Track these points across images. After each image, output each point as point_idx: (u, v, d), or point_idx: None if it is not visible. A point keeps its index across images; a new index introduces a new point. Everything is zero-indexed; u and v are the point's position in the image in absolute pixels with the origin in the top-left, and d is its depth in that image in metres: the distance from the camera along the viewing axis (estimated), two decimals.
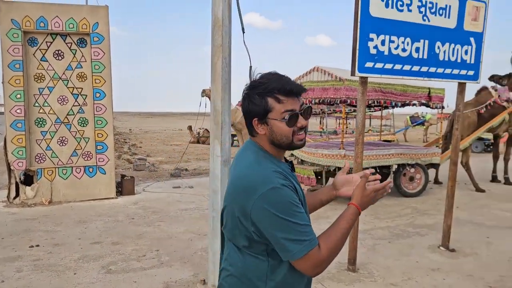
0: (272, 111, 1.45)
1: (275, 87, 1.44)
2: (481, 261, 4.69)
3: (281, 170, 1.46)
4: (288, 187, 1.40)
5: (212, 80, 3.40)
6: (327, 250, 1.39)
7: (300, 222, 1.37)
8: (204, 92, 11.11)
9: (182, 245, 5.09)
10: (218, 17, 3.31)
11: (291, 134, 1.46)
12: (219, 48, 3.32)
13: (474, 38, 4.67)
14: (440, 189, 8.75)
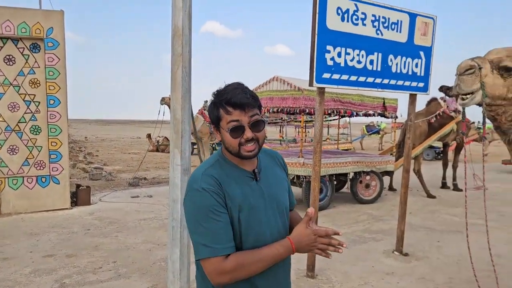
0: (222, 120, 1.52)
1: (225, 98, 1.49)
2: (432, 264, 4.92)
3: (218, 174, 1.50)
4: (209, 192, 1.44)
5: (172, 89, 3.39)
6: (235, 263, 1.42)
7: (211, 228, 1.42)
8: (164, 100, 11.00)
9: (141, 256, 4.99)
10: (178, 26, 3.31)
11: (237, 145, 1.50)
12: (179, 57, 3.32)
13: (423, 52, 4.93)
14: (394, 196, 9.09)
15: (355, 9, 4.25)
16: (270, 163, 1.71)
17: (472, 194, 9.55)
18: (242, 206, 1.50)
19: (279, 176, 1.70)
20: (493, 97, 2.45)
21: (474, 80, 2.41)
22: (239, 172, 1.56)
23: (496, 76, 2.42)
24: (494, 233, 6.35)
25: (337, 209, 7.74)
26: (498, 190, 10.03)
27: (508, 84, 2.43)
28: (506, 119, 2.55)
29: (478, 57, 2.48)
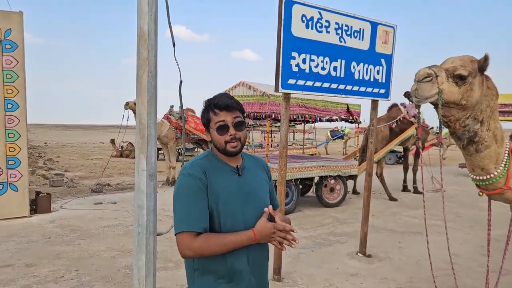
0: (211, 121, 1.83)
1: (213, 102, 1.82)
2: (394, 265, 5.07)
3: (205, 165, 1.79)
4: (194, 177, 1.74)
5: (138, 93, 3.35)
6: (201, 243, 1.67)
7: (189, 207, 1.71)
8: (128, 104, 10.80)
9: (105, 264, 4.87)
10: (144, 30, 3.28)
11: (224, 142, 1.80)
12: (145, 61, 3.29)
13: (384, 60, 5.11)
14: (358, 199, 9.31)
15: (319, 17, 4.37)
16: (254, 165, 1.98)
17: (431, 196, 9.98)
18: (221, 193, 1.76)
19: (261, 177, 1.96)
20: (448, 102, 2.59)
21: (432, 87, 2.54)
22: (224, 166, 1.84)
23: (451, 84, 2.56)
24: (452, 233, 6.61)
25: (303, 212, 7.85)
26: (456, 193, 10.48)
27: (462, 92, 2.57)
28: (460, 125, 2.69)
29: (435, 66, 2.61)
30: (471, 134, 2.69)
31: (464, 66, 2.57)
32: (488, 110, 2.68)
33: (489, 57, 2.59)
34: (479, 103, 2.64)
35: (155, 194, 3.49)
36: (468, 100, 2.59)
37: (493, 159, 2.72)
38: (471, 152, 2.74)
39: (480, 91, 2.62)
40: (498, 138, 2.73)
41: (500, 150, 2.74)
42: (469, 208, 8.53)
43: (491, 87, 2.71)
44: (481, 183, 2.82)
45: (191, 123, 11.17)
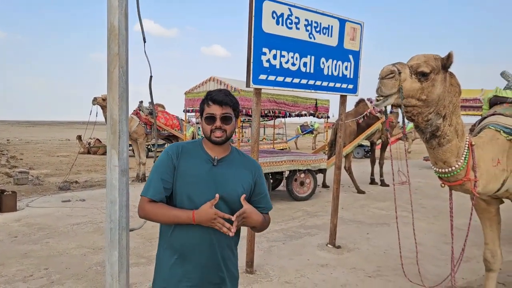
0: (204, 111, 2.05)
1: (209, 95, 2.05)
2: (362, 255, 5.25)
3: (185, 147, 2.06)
4: (167, 155, 2.03)
5: (109, 89, 3.32)
6: (151, 208, 1.98)
7: (154, 177, 2.01)
8: (96, 100, 10.57)
9: (75, 261, 4.81)
10: (114, 25, 3.26)
11: (209, 131, 2.01)
12: (115, 56, 3.26)
13: (352, 56, 5.25)
14: (327, 192, 9.52)
15: (289, 13, 4.44)
16: (242, 165, 2.10)
17: (396, 189, 10.26)
18: (187, 176, 1.97)
19: (240, 174, 2.06)
20: (409, 97, 2.71)
21: (394, 84, 2.66)
22: (203, 153, 2.05)
23: (414, 80, 2.69)
24: (416, 223, 6.87)
25: (274, 206, 7.92)
26: (420, 185, 10.87)
27: (424, 87, 2.70)
28: (422, 119, 2.83)
29: (399, 63, 2.73)
30: (433, 128, 2.83)
31: (427, 63, 2.70)
32: (450, 106, 2.82)
33: (453, 55, 2.73)
34: (442, 98, 2.78)
35: (127, 190, 3.47)
36: (429, 95, 2.72)
37: (454, 152, 2.88)
38: (434, 145, 2.88)
39: (442, 87, 2.75)
40: (459, 133, 2.88)
41: (460, 144, 2.89)
42: (433, 199, 8.88)
43: (454, 84, 2.85)
44: (443, 175, 2.98)
45: (161, 118, 11.07)
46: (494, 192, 3.12)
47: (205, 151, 2.05)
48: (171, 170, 2.00)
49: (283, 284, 4.30)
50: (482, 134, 3.16)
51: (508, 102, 3.35)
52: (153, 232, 5.75)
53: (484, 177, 2.96)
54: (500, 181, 3.04)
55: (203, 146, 2.07)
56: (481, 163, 2.95)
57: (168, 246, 2.04)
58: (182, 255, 1.99)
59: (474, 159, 2.89)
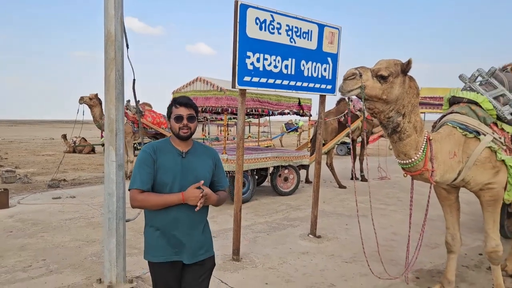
0: (172, 113, 2.54)
1: (176, 100, 2.58)
2: (340, 244, 5.65)
3: (158, 146, 2.51)
4: (145, 153, 2.46)
5: (106, 90, 3.63)
6: (142, 197, 2.38)
7: (138, 172, 2.42)
8: (82, 99, 10.77)
9: (71, 253, 5.09)
10: (111, 32, 3.57)
11: (178, 128, 2.50)
12: (112, 61, 3.58)
13: (331, 58, 5.63)
14: (310, 187, 9.90)
15: (271, 19, 4.79)
16: (202, 153, 2.64)
17: (376, 183, 10.76)
18: (163, 167, 2.45)
19: (204, 162, 2.59)
20: (371, 96, 3.11)
21: (355, 83, 3.09)
22: (173, 149, 2.54)
23: (375, 81, 3.09)
24: (393, 215, 7.35)
25: (258, 201, 8.31)
26: (398, 180, 11.35)
27: (384, 88, 3.09)
28: (384, 117, 3.23)
29: (362, 67, 3.13)
30: (394, 125, 3.23)
31: (388, 68, 3.10)
32: (409, 105, 3.23)
33: (411, 62, 3.13)
34: (400, 99, 3.17)
35: (124, 183, 3.82)
36: (388, 95, 3.12)
37: (413, 146, 3.28)
38: (395, 140, 3.28)
39: (400, 89, 3.15)
40: (418, 129, 3.29)
41: (419, 138, 3.29)
42: (409, 193, 9.33)
43: (412, 87, 3.26)
44: (405, 166, 3.39)
45: (148, 117, 11.31)
46: (451, 181, 3.52)
47: (173, 146, 2.55)
48: (152, 164, 2.44)
49: (267, 269, 4.66)
50: (441, 130, 3.57)
51: (464, 102, 3.76)
52: (143, 226, 6.04)
53: (442, 168, 3.37)
54: (456, 171, 3.45)
55: (171, 143, 2.57)
56: (439, 155, 3.35)
57: (152, 224, 2.51)
58: (162, 230, 2.48)
59: (431, 151, 3.30)
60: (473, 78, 3.97)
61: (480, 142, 3.47)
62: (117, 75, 3.61)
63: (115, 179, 3.65)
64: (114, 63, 3.58)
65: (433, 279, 4.47)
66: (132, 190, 2.41)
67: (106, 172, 3.69)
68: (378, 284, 4.30)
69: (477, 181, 3.54)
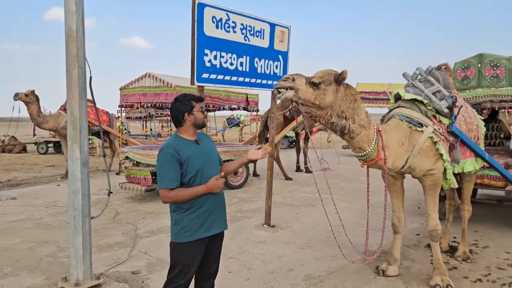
0: (194, 107, 2.85)
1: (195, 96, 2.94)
2: (294, 232, 5.97)
3: (176, 144, 2.75)
4: (168, 153, 2.69)
5: (69, 88, 3.61)
6: (174, 194, 2.68)
7: (165, 172, 2.69)
8: (17, 95, 10.20)
9: (24, 255, 4.93)
10: (72, 29, 3.54)
11: (203, 118, 2.93)
12: (74, 58, 3.56)
13: (281, 56, 5.90)
14: (259, 180, 10.22)
15: (227, 18, 4.95)
16: (206, 138, 3.06)
17: (320, 174, 11.29)
18: (190, 157, 2.74)
19: (211, 145, 3.02)
20: (304, 100, 3.44)
21: (286, 82, 3.40)
22: (187, 141, 2.84)
23: (308, 87, 3.42)
24: (338, 204, 7.80)
25: None
26: (340, 170, 12.00)
27: (316, 94, 3.43)
28: (325, 121, 3.59)
29: (296, 74, 3.48)
30: (340, 128, 3.59)
31: (321, 76, 3.44)
32: (349, 110, 3.57)
33: (345, 73, 3.47)
34: (334, 105, 3.50)
35: (89, 180, 3.82)
36: (321, 101, 3.44)
37: (365, 140, 3.65)
38: (347, 139, 3.67)
39: (333, 96, 3.47)
40: (365, 125, 3.65)
41: (368, 132, 3.66)
42: (351, 182, 9.96)
43: (348, 94, 3.59)
44: (361, 158, 3.75)
45: (91, 114, 10.94)
46: (400, 168, 3.94)
47: (187, 139, 2.86)
48: (176, 162, 2.69)
49: (228, 259, 4.84)
50: (390, 122, 3.97)
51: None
52: (98, 224, 5.97)
53: (392, 156, 3.77)
54: (404, 159, 3.87)
55: (183, 137, 2.86)
56: (390, 145, 3.75)
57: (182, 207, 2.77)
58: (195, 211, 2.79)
59: (382, 141, 3.67)
60: (415, 76, 4.41)
61: (423, 133, 3.90)
62: (79, 72, 3.60)
63: (80, 176, 3.65)
64: (77, 60, 3.57)
65: (379, 258, 4.90)
66: (161, 190, 2.68)
67: (71, 170, 3.67)
68: (332, 265, 4.66)
69: (421, 167, 3.97)
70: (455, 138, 4.14)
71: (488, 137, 7.13)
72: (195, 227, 2.79)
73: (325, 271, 4.52)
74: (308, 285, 4.18)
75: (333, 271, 4.53)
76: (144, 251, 5.09)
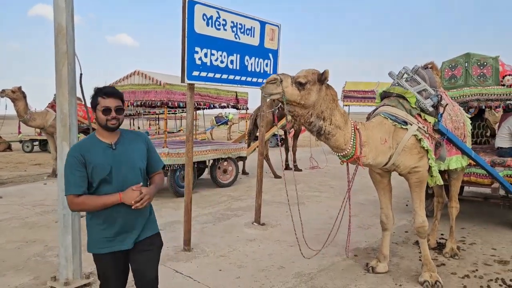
0: (98, 104, 2.44)
1: (102, 90, 2.47)
2: (284, 229, 5.99)
3: (84, 146, 2.44)
4: (72, 157, 2.39)
5: (58, 85, 3.56)
6: (80, 201, 2.37)
7: (70, 177, 2.37)
8: (4, 92, 10.04)
9: (10, 255, 4.86)
10: (62, 25, 3.50)
11: (105, 120, 2.43)
12: (64, 55, 3.52)
13: (272, 54, 5.90)
14: (248, 178, 10.22)
15: (217, 16, 4.93)
16: (134, 139, 2.61)
17: (309, 173, 11.35)
18: (94, 164, 2.40)
19: (137, 149, 2.57)
20: (290, 101, 3.48)
21: (276, 88, 3.43)
22: (101, 143, 2.47)
23: (294, 88, 3.45)
24: (327, 202, 7.88)
25: (199, 193, 8.41)
26: (329, 168, 12.08)
27: (302, 95, 3.47)
28: (305, 121, 3.60)
29: (283, 74, 3.51)
30: (317, 129, 3.61)
31: (306, 76, 3.48)
32: (328, 110, 3.60)
33: (327, 72, 3.51)
34: (317, 104, 3.53)
35: None
36: (305, 101, 3.48)
37: (342, 140, 3.69)
38: (323, 140, 3.70)
39: (317, 95, 3.51)
40: (341, 126, 3.67)
41: (345, 131, 3.69)
42: (340, 180, 10.01)
43: (329, 94, 3.63)
44: (341, 158, 3.80)
45: (80, 111, 10.83)
46: (384, 165, 3.98)
47: (101, 141, 2.48)
48: (81, 166, 2.38)
49: (219, 257, 4.84)
50: (373, 120, 4.03)
51: (393, 95, 4.23)
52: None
53: (374, 152, 3.82)
54: (387, 156, 3.91)
55: (98, 138, 2.50)
56: (370, 141, 3.79)
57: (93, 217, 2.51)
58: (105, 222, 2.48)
59: (360, 138, 3.71)
60: (400, 75, 4.46)
61: (407, 131, 3.95)
62: (69, 69, 3.56)
63: None
64: (66, 57, 3.53)
65: (369, 255, 4.96)
66: (68, 196, 2.38)
67: (60, 168, 3.63)
68: (322, 263, 4.69)
69: (406, 164, 4.01)
70: (441, 136, 4.20)
71: (474, 136, 7.24)
72: (106, 239, 2.49)
73: (316, 269, 4.55)
74: (299, 282, 4.20)
75: (323, 269, 4.56)
76: None
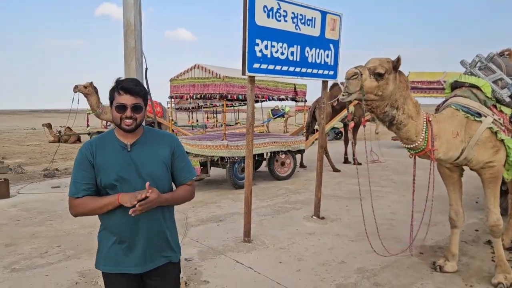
0: (114, 99, 2.10)
1: (120, 84, 2.10)
2: (344, 224, 5.87)
3: (99, 142, 2.14)
4: (81, 153, 2.10)
5: None
6: (79, 204, 2.07)
7: (75, 176, 2.10)
8: (77, 88, 10.67)
9: (84, 239, 5.18)
10: (130, 22, 3.63)
11: (119, 119, 2.08)
12: (132, 50, 3.65)
13: (333, 45, 5.77)
14: (305, 172, 10.14)
15: (278, 7, 4.89)
16: (157, 142, 2.21)
17: (370, 167, 11.02)
18: (102, 165, 2.08)
19: (158, 152, 2.17)
20: (368, 93, 3.37)
21: (358, 83, 3.32)
22: (116, 142, 2.14)
23: (372, 80, 3.35)
24: (389, 196, 7.63)
25: (257, 186, 8.47)
26: (390, 162, 11.69)
27: (380, 85, 3.36)
28: (380, 111, 3.50)
29: (360, 66, 3.39)
30: (390, 118, 3.51)
31: (382, 65, 3.36)
32: (401, 98, 3.49)
33: (401, 58, 3.38)
34: (394, 93, 3.43)
35: None
36: (384, 91, 3.38)
37: (412, 131, 3.55)
38: (394, 130, 3.58)
39: (393, 84, 3.41)
40: (413, 116, 3.53)
41: (417, 122, 3.54)
42: (402, 175, 9.66)
43: (402, 81, 3.52)
44: (411, 150, 3.65)
45: None
46: (455, 159, 3.76)
47: (117, 139, 2.14)
48: (88, 167, 2.08)
49: (278, 250, 4.85)
50: (444, 112, 3.81)
51: (465, 86, 3.98)
52: None
53: (445, 146, 3.62)
54: (459, 150, 3.69)
55: (115, 135, 2.16)
56: (442, 135, 3.60)
57: (104, 228, 2.19)
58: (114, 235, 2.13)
59: (432, 131, 3.54)
60: (474, 63, 4.17)
61: (481, 123, 3.69)
62: (137, 64, 3.69)
63: None
64: (134, 52, 3.65)
65: (435, 253, 4.73)
66: (69, 198, 2.11)
67: None
68: (385, 259, 4.53)
69: (479, 159, 3.76)
70: None
71: None
72: (116, 257, 2.15)
73: (379, 265, 4.41)
74: (361, 278, 4.10)
75: (386, 265, 4.41)
76: (196, 239, 5.19)
